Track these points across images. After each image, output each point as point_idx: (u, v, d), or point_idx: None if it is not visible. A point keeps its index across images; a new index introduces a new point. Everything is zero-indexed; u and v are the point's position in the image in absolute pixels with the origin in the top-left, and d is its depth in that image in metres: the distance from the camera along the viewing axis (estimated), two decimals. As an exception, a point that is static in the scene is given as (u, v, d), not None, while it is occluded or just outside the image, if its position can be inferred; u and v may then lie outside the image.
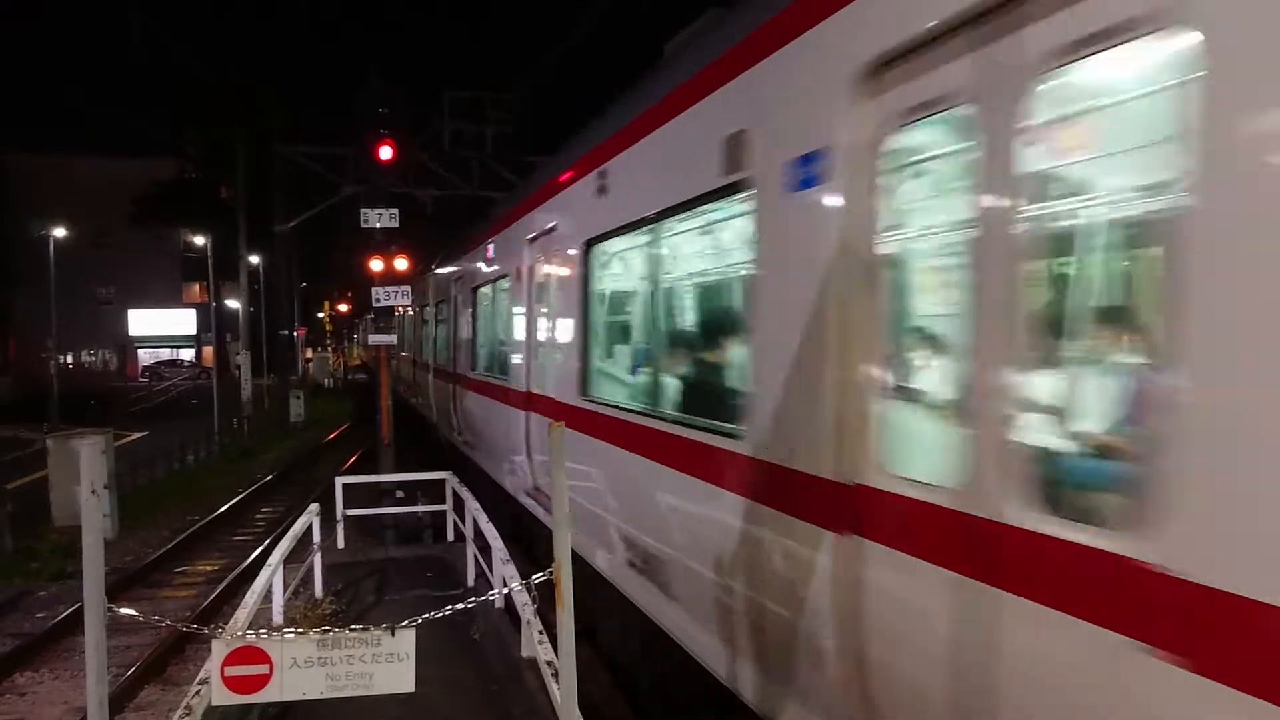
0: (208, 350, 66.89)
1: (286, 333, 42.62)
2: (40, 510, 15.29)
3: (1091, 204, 3.22)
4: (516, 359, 9.83)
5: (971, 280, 2.92)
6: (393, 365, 17.79)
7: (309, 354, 59.01)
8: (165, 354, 76.63)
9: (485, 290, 12.41)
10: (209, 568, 13.73)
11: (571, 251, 7.51)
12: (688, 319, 6.38)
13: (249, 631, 4.21)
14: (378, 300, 13.07)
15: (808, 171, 3.72)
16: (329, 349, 67.81)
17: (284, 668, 3.78)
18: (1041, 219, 2.79)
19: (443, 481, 11.74)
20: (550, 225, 8.38)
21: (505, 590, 6.31)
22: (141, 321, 77.26)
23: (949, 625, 2.92)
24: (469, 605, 4.36)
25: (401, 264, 13.43)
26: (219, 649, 3.82)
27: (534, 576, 4.15)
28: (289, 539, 8.74)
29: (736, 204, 4.56)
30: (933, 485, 3.06)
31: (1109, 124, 2.94)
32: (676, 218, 5.50)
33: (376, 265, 13.21)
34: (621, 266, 7.11)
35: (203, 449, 25.67)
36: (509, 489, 10.70)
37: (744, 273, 4.62)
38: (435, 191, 26.92)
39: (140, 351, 77.30)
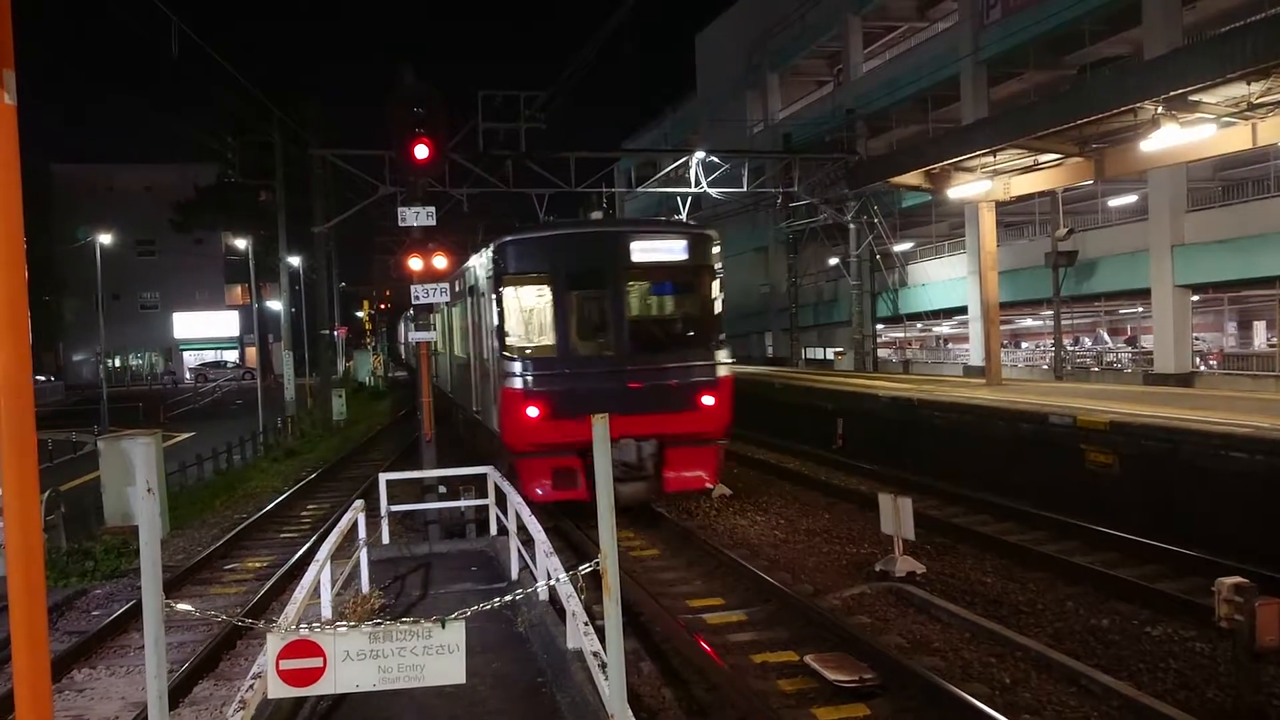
0: (251, 351, 67.96)
1: (327, 333, 43.17)
2: (93, 511, 15.64)
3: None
4: (443, 347, 24.24)
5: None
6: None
7: (351, 360, 60.21)
8: (209, 356, 77.98)
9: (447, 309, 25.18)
10: (257, 564, 13.97)
11: (444, 305, 21.59)
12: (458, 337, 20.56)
13: (302, 625, 4.27)
14: (417, 298, 13.18)
15: (457, 301, 19.59)
16: (369, 348, 68.60)
17: (337, 661, 3.83)
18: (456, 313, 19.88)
19: (484, 476, 11.85)
20: (446, 291, 17.65)
21: (550, 583, 6.35)
22: (186, 324, 78.64)
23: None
24: (516, 598, 4.39)
25: (441, 262, 13.53)
26: (274, 643, 3.87)
27: (581, 568, 4.17)
28: (336, 534, 8.86)
29: (463, 304, 18.60)
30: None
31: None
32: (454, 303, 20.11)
33: (416, 264, 13.31)
34: (452, 316, 21.70)
35: (248, 448, 26.10)
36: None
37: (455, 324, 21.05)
38: (471, 190, 27.13)
39: (185, 354, 78.74)
